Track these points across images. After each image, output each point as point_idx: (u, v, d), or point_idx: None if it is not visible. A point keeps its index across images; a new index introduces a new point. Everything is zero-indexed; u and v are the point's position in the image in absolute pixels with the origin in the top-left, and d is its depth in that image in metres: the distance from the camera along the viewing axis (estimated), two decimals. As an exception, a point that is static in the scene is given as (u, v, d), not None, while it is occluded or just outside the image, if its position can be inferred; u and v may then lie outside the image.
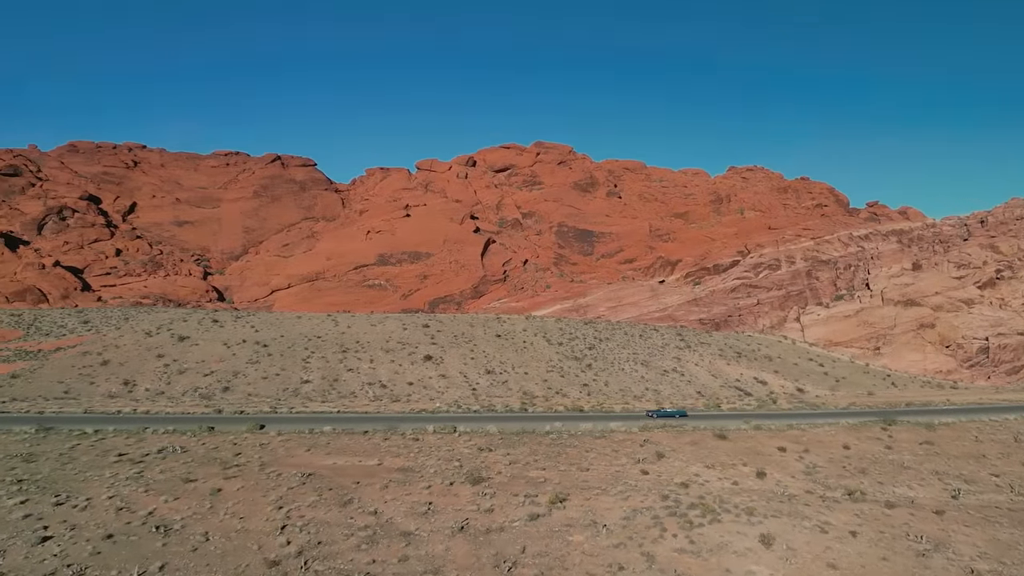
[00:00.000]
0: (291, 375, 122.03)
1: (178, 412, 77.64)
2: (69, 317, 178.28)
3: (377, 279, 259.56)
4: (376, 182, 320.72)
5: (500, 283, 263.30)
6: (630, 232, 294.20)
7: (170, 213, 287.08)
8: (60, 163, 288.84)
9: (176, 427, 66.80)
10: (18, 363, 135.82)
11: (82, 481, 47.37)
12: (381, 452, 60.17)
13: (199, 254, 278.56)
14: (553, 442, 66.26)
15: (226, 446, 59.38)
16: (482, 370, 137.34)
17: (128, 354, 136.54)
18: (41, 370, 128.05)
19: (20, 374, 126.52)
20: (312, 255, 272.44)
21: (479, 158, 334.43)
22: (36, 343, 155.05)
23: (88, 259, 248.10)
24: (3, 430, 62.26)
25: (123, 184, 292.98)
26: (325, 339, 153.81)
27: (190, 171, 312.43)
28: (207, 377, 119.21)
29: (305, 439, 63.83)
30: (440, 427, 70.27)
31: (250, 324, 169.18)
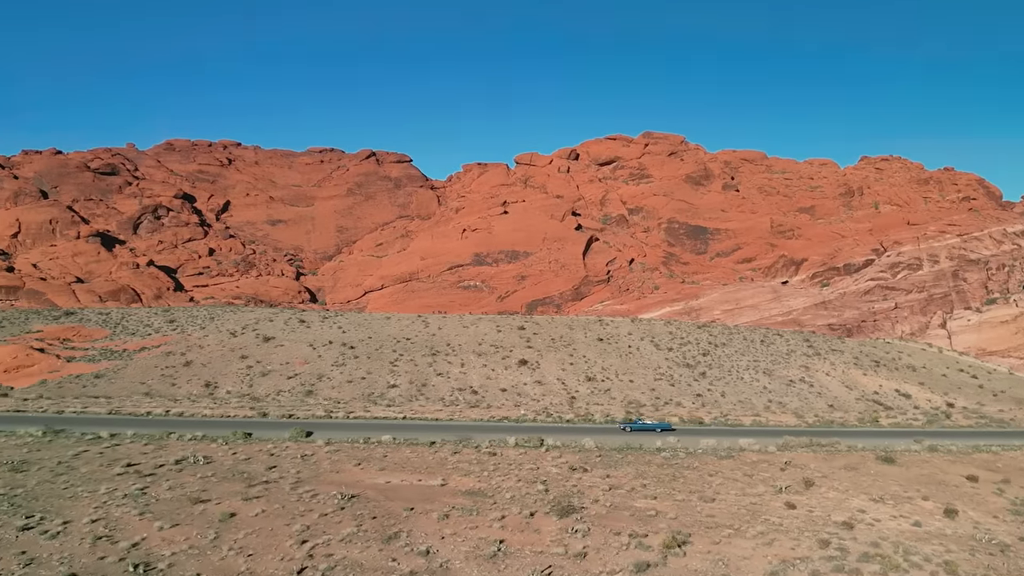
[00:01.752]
0: (377, 379, 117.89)
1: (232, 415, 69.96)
2: (155, 316, 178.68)
3: (472, 280, 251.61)
4: (473, 178, 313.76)
5: (603, 284, 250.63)
6: (749, 228, 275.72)
7: (263, 212, 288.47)
8: (157, 161, 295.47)
9: (209, 432, 58.89)
10: (103, 363, 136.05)
11: (69, 498, 38.91)
12: (447, 469, 49.76)
13: (292, 254, 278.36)
14: (666, 462, 54.16)
15: (260, 457, 50.41)
16: (582, 376, 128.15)
17: (211, 355, 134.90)
18: (124, 370, 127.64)
19: (104, 374, 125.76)
20: (406, 255, 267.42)
21: (582, 151, 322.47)
22: (122, 342, 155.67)
23: (181, 259, 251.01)
24: (7, 432, 55.48)
25: (217, 182, 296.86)
26: (414, 341, 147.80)
27: (284, 168, 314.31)
28: (291, 380, 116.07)
29: (358, 450, 54.35)
30: (524, 439, 59.41)
31: (337, 325, 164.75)
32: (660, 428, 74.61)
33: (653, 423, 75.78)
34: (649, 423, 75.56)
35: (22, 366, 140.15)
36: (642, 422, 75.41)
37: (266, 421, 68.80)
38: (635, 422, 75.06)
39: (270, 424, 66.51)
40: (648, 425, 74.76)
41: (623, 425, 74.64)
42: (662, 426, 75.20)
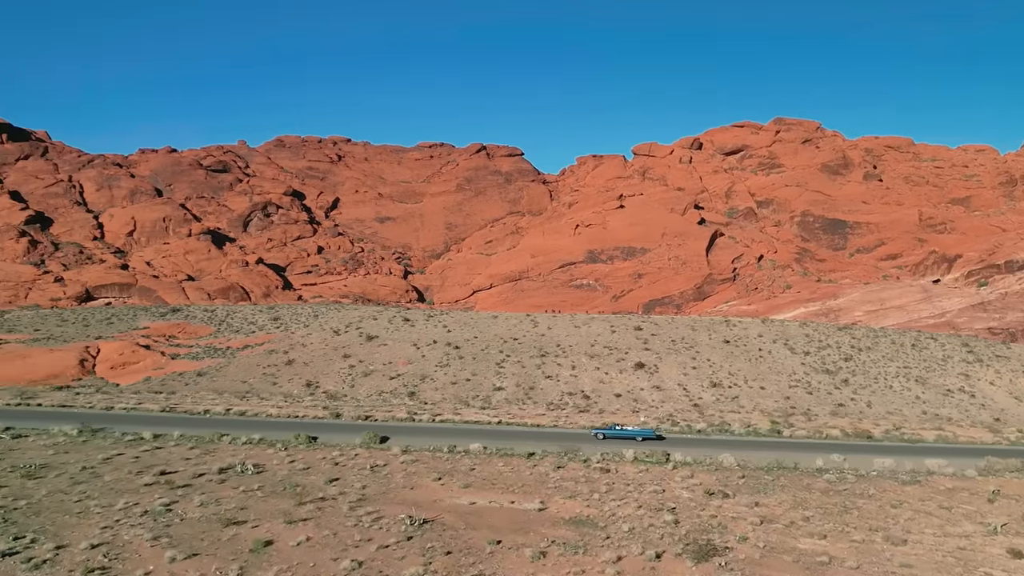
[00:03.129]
0: (483, 381, 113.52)
1: (301, 415, 63.05)
2: (260, 314, 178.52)
3: (585, 279, 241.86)
4: (587, 171, 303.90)
5: (728, 283, 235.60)
6: (893, 222, 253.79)
7: (372, 209, 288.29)
8: (267, 158, 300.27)
9: (269, 435, 52.00)
10: (206, 360, 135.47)
11: (77, 514, 32.14)
12: (547, 488, 40.59)
13: (400, 252, 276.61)
14: (831, 487, 43.00)
15: (320, 467, 42.90)
16: (706, 382, 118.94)
17: (314, 353, 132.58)
18: (227, 368, 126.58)
19: (206, 372, 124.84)
20: (516, 252, 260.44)
21: (706, 139, 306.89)
22: (225, 340, 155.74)
23: (290, 256, 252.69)
24: (40, 430, 50.03)
25: (327, 179, 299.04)
26: (522, 342, 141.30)
27: (393, 164, 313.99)
28: (393, 380, 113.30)
29: (440, 460, 46.17)
30: (645, 452, 49.47)
31: (442, 324, 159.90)
32: (641, 436, 64.26)
33: (634, 429, 65.45)
34: (629, 429, 65.35)
35: (128, 363, 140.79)
36: (620, 428, 65.40)
37: (338, 423, 61.76)
38: (611, 428, 65.51)
39: (342, 427, 59.44)
40: (627, 432, 64.65)
41: (596, 431, 65.20)
42: (644, 433, 64.72)
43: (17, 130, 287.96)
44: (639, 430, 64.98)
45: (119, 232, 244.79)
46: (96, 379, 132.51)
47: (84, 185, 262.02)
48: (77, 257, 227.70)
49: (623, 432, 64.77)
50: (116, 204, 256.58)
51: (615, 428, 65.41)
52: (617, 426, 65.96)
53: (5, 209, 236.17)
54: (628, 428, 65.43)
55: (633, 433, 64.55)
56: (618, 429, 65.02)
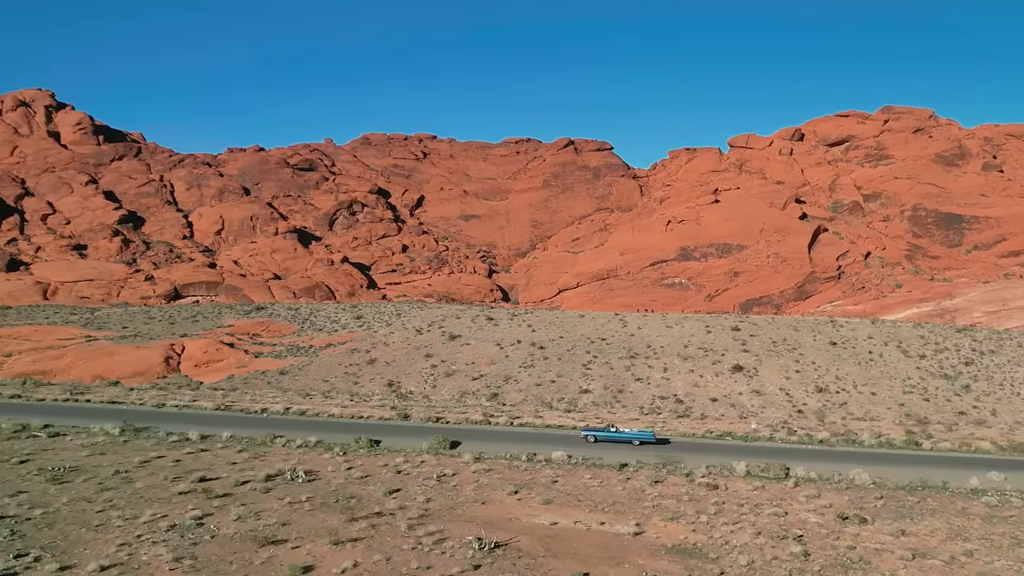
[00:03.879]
0: (568, 383, 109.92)
1: (366, 416, 58.65)
2: (343, 312, 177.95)
3: (677, 277, 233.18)
4: (680, 165, 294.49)
5: (832, 281, 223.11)
6: (1016, 216, 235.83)
7: (457, 207, 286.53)
8: (353, 156, 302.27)
9: (328, 437, 47.58)
10: (288, 359, 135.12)
11: (94, 528, 28.05)
12: (644, 507, 34.56)
13: (485, 250, 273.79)
14: (994, 513, 35.53)
15: (381, 475, 38.06)
16: (811, 386, 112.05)
17: (396, 353, 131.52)
18: (309, 367, 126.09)
19: (288, 370, 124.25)
20: (604, 250, 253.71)
21: (807, 130, 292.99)
22: (308, 338, 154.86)
23: (375, 255, 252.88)
24: (81, 428, 46.74)
25: (412, 177, 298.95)
26: (610, 342, 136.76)
27: (479, 161, 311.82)
28: (475, 381, 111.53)
29: (517, 470, 40.72)
30: (758, 466, 42.72)
31: (527, 323, 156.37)
32: (639, 439, 57.25)
33: (631, 432, 58.43)
34: (626, 431, 58.43)
35: (212, 361, 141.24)
36: (616, 430, 58.49)
37: (406, 425, 56.71)
38: (604, 429, 58.76)
39: (410, 429, 54.56)
40: (623, 435, 57.74)
41: (586, 433, 58.52)
42: (642, 436, 57.62)
43: (114, 132, 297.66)
44: (636, 432, 58.19)
45: (208, 231, 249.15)
46: (180, 377, 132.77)
47: (175, 184, 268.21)
48: (167, 256, 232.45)
49: (619, 435, 58.17)
50: (205, 203, 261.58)
51: (609, 430, 58.86)
52: (612, 427, 59.54)
53: (100, 209, 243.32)
54: (625, 430, 58.75)
55: (630, 436, 57.76)
56: (613, 431, 58.57)
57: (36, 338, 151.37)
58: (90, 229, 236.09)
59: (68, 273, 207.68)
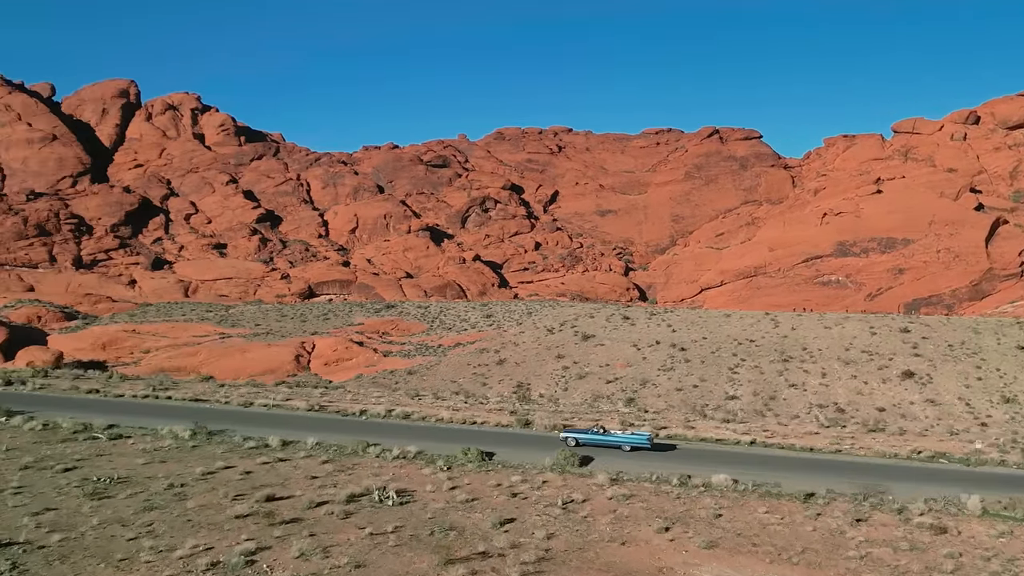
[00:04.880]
0: (713, 388, 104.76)
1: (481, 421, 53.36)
2: (473, 311, 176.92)
3: (834, 274, 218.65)
4: (837, 153, 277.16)
5: (1015, 279, 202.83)
6: None
7: (592, 201, 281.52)
8: (486, 152, 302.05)
9: (432, 447, 42.54)
10: (417, 358, 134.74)
11: (119, 562, 23.92)
12: (848, 559, 27.00)
13: (621, 247, 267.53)
14: None
15: (491, 499, 32.59)
16: (995, 396, 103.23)
17: (526, 353, 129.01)
18: (437, 367, 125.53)
19: (416, 370, 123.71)
20: (751, 246, 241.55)
21: (984, 112, 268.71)
22: (437, 337, 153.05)
23: (507, 253, 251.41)
24: (149, 430, 43.56)
25: (546, 171, 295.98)
26: (760, 344, 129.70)
27: (616, 154, 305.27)
28: (610, 384, 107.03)
29: (667, 498, 34.07)
30: (1000, 503, 34.18)
31: (666, 322, 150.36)
32: (630, 444, 49.25)
33: (621, 435, 50.31)
34: (616, 435, 50.28)
35: (341, 359, 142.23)
36: (603, 433, 50.45)
37: (525, 434, 50.93)
38: (589, 431, 50.88)
39: (530, 439, 48.60)
40: (611, 439, 49.84)
41: (567, 435, 50.80)
42: (633, 440, 49.50)
43: (254, 132, 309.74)
44: (628, 436, 50.48)
45: (342, 229, 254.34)
46: (310, 375, 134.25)
47: (311, 183, 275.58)
48: (303, 254, 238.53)
49: (606, 438, 50.51)
50: (340, 201, 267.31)
51: (594, 432, 51.29)
52: (598, 429, 51.78)
53: (239, 208, 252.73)
54: (615, 433, 51.13)
55: (619, 440, 50.15)
56: (598, 434, 51.00)
57: (172, 335, 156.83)
58: (230, 228, 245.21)
59: (208, 271, 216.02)
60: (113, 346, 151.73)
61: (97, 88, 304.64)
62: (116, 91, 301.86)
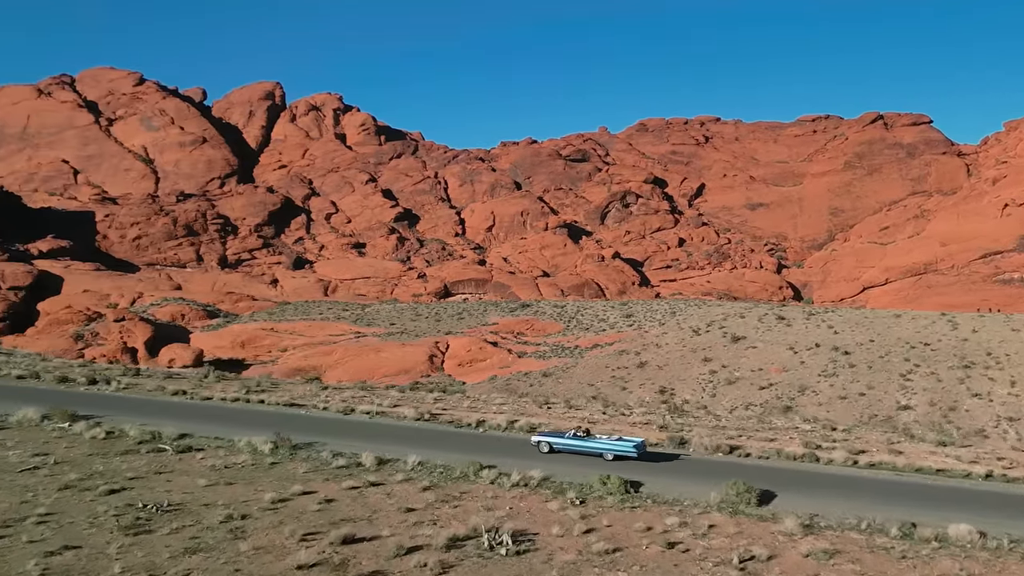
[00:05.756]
0: (882, 396, 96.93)
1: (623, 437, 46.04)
2: (612, 310, 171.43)
3: (1017, 271, 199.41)
4: (1020, 138, 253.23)
5: None
6: None
7: (742, 195, 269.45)
8: (628, 144, 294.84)
9: (561, 473, 35.37)
10: (552, 359, 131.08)
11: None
12: None
13: (773, 243, 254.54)
14: None
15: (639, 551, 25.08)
16: None
17: (669, 355, 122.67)
18: (574, 369, 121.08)
19: (552, 372, 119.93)
20: (920, 240, 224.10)
21: None
22: (574, 338, 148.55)
23: (648, 250, 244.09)
24: (225, 443, 38.75)
25: (691, 163, 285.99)
26: (937, 348, 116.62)
27: (768, 143, 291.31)
28: (763, 391, 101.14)
29: (887, 557, 24.47)
30: None
31: (827, 324, 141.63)
32: (612, 452, 41.34)
33: (605, 441, 42.57)
34: (601, 441, 42.56)
35: (475, 360, 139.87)
36: (584, 437, 42.68)
37: (681, 457, 43.26)
38: (564, 434, 43.47)
39: (687, 465, 40.43)
40: (590, 445, 42.15)
41: (540, 439, 43.45)
42: (618, 448, 41.45)
43: (394, 131, 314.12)
44: (612, 443, 42.05)
45: (479, 227, 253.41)
46: (443, 376, 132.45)
47: (448, 181, 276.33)
48: (439, 253, 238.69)
49: (586, 445, 42.29)
50: (477, 199, 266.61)
51: (571, 436, 43.01)
52: (579, 433, 43.22)
53: (378, 207, 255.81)
54: (600, 439, 42.79)
55: (601, 448, 41.84)
56: (579, 438, 42.68)
57: (309, 333, 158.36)
58: (368, 227, 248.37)
59: (347, 271, 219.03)
60: (252, 344, 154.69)
61: (245, 91, 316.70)
62: (262, 93, 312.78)
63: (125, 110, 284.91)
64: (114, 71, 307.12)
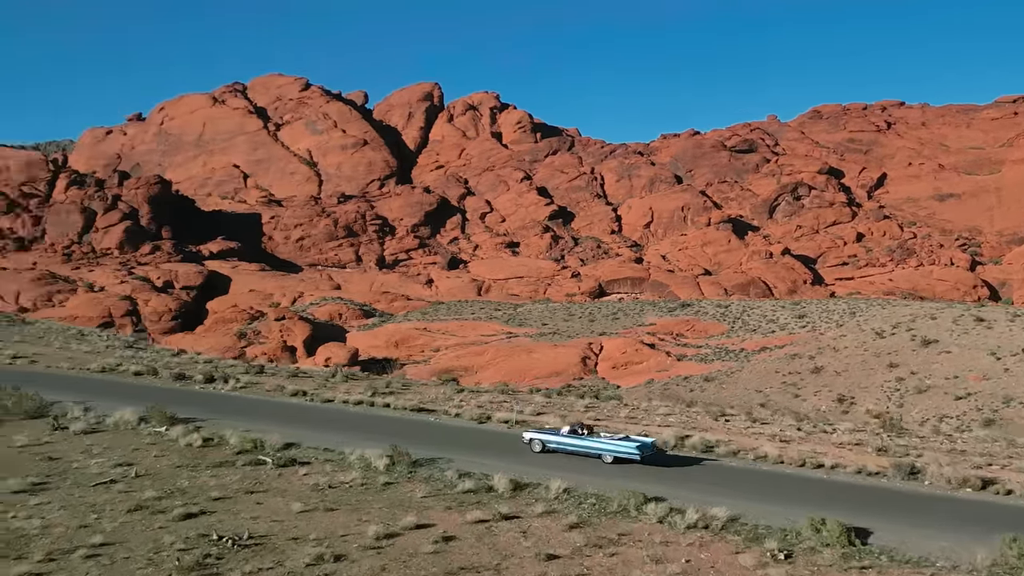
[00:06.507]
0: None
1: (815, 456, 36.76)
2: (782, 311, 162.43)
3: None
4: None
5: None
6: None
7: (929, 184, 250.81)
8: (800, 133, 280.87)
9: (754, 509, 27.06)
10: (715, 363, 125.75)
11: None
12: None
13: (966, 237, 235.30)
14: None
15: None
16: None
17: (848, 360, 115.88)
18: (739, 374, 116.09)
19: (715, 377, 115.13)
20: None
21: None
22: (739, 340, 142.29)
23: (822, 246, 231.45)
24: (335, 455, 32.59)
25: (871, 152, 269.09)
26: None
27: (960, 128, 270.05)
28: (960, 401, 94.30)
29: None
30: None
31: None
32: (614, 454, 35.43)
33: (605, 442, 36.27)
34: (604, 441, 36.36)
35: (631, 362, 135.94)
36: (581, 435, 36.71)
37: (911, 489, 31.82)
38: (559, 432, 37.70)
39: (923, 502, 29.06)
40: (587, 445, 36.27)
41: (531, 436, 38.07)
42: (620, 450, 35.24)
43: (550, 128, 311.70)
44: (614, 444, 35.91)
45: (636, 224, 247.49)
46: (597, 379, 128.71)
47: (605, 176, 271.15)
48: (594, 251, 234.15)
49: (580, 444, 36.56)
50: (634, 194, 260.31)
51: (568, 434, 37.19)
52: (579, 430, 37.16)
53: (532, 205, 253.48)
54: (604, 438, 36.72)
55: (600, 449, 36.00)
56: (573, 436, 37.00)
57: (461, 333, 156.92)
58: (523, 226, 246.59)
59: (500, 270, 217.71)
60: (405, 344, 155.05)
61: (404, 93, 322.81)
62: (421, 95, 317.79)
63: (291, 115, 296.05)
64: (282, 77, 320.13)
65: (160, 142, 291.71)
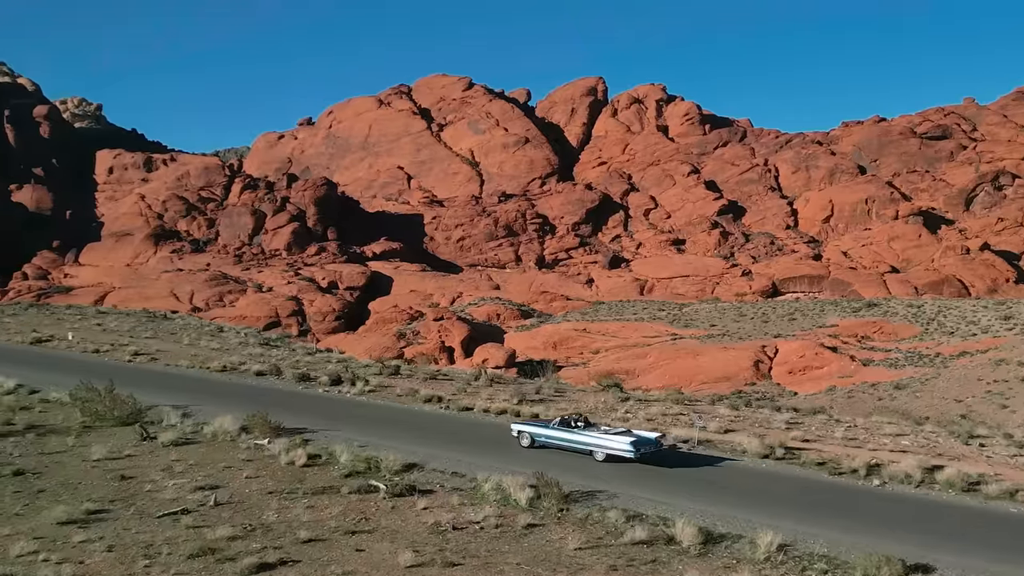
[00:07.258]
0: None
1: None
2: (985, 311, 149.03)
3: None
4: None
5: None
6: None
7: None
8: (1002, 116, 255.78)
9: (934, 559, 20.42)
10: (907, 369, 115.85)
11: None
12: None
13: None
14: None
15: None
16: None
17: None
18: (935, 381, 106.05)
19: (906, 384, 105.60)
20: None
21: None
22: (935, 344, 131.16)
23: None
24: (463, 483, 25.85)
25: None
26: None
27: None
28: None
29: None
30: None
31: None
32: (606, 451, 30.90)
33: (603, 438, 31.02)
34: (597, 435, 31.36)
35: (809, 367, 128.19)
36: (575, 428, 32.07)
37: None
38: (550, 424, 33.21)
39: None
40: (580, 440, 31.67)
41: (520, 428, 34.10)
42: (612, 446, 30.55)
43: (719, 119, 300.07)
44: (607, 439, 31.26)
45: (814, 218, 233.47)
46: (771, 384, 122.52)
47: (779, 168, 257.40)
48: (767, 248, 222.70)
49: (569, 438, 32.26)
50: (812, 187, 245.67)
51: (560, 426, 33.15)
52: (576, 423, 33.05)
53: (699, 200, 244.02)
54: (604, 432, 32.07)
55: (592, 444, 31.53)
56: (563, 428, 32.85)
57: (622, 335, 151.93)
58: (689, 222, 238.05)
59: (664, 269, 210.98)
60: (563, 345, 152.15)
61: (567, 89, 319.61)
62: (584, 90, 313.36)
63: (454, 115, 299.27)
64: (445, 77, 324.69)
65: (328, 145, 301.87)
